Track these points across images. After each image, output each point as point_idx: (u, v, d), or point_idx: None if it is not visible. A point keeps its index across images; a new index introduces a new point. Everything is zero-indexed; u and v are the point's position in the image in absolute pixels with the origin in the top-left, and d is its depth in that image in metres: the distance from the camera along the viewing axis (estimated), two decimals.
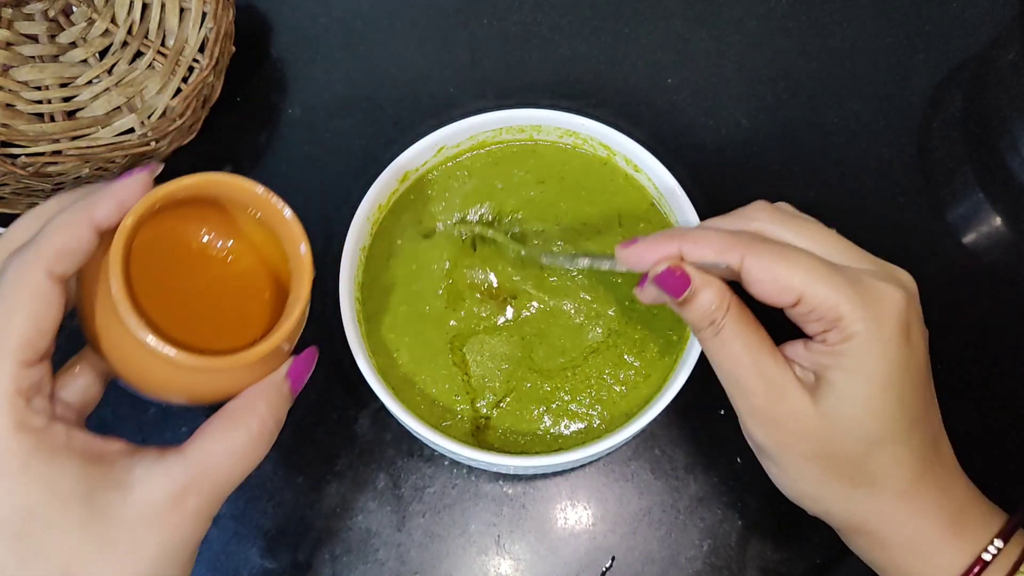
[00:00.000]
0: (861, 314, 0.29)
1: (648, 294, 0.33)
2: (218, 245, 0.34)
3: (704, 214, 0.40)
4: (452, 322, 0.40)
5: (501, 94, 0.53)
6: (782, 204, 0.34)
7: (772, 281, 0.29)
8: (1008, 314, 0.47)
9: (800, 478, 0.32)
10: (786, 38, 0.54)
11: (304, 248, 0.32)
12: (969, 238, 0.49)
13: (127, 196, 0.28)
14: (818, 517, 0.33)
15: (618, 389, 0.39)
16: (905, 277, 0.31)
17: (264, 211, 0.32)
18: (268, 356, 0.30)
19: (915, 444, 0.30)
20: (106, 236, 0.28)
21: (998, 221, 0.49)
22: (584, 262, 0.37)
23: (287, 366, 0.32)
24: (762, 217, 0.32)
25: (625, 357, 0.39)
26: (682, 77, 0.53)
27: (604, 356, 0.39)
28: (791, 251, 0.30)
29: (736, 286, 0.31)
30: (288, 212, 0.31)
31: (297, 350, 0.33)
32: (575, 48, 0.54)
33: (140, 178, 0.29)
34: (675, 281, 0.31)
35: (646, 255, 0.31)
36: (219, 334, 0.32)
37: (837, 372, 0.30)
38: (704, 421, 0.44)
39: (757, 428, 0.32)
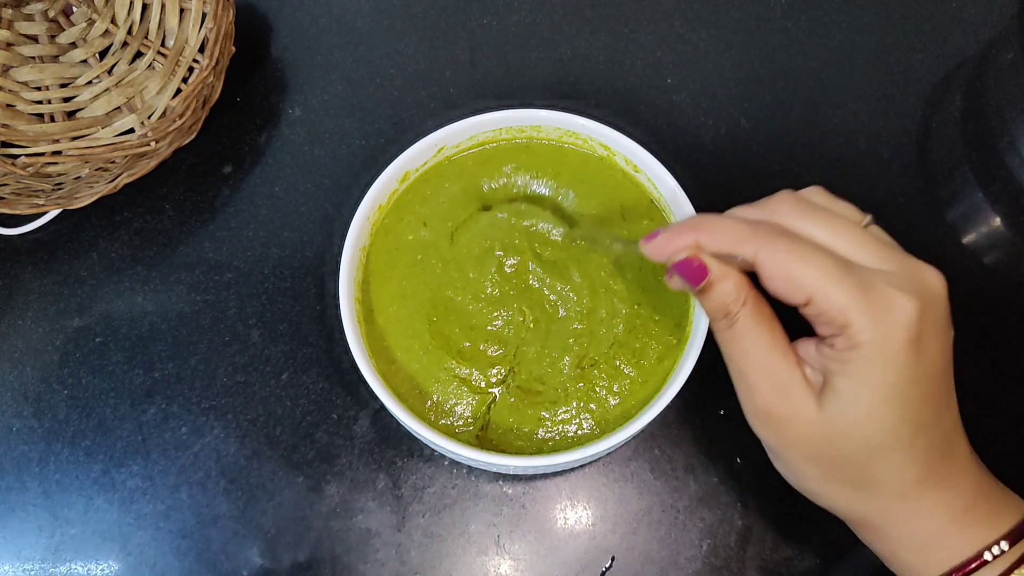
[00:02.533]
0: (868, 323, 0.28)
1: (675, 282, 0.33)
2: None
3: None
4: (455, 321, 0.40)
5: (501, 94, 0.53)
6: (813, 191, 0.33)
7: (783, 279, 0.29)
8: (1008, 314, 0.47)
9: (803, 476, 0.32)
10: (786, 38, 0.54)
11: None
12: (969, 238, 0.49)
13: None
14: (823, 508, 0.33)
15: (619, 389, 0.39)
16: (931, 279, 0.30)
17: None
18: None
19: (919, 450, 0.30)
20: None
21: (998, 221, 0.49)
22: (619, 246, 0.38)
23: None
24: (784, 210, 0.31)
25: (623, 365, 0.39)
26: (682, 77, 0.53)
27: (606, 358, 0.39)
28: (806, 249, 0.29)
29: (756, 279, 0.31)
30: None
31: None
32: (575, 48, 0.54)
33: None
34: (692, 271, 0.31)
35: (667, 246, 0.31)
36: None
37: (842, 379, 0.29)
38: (704, 421, 0.44)
39: (759, 426, 0.32)
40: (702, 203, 0.40)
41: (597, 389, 0.39)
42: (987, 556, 0.30)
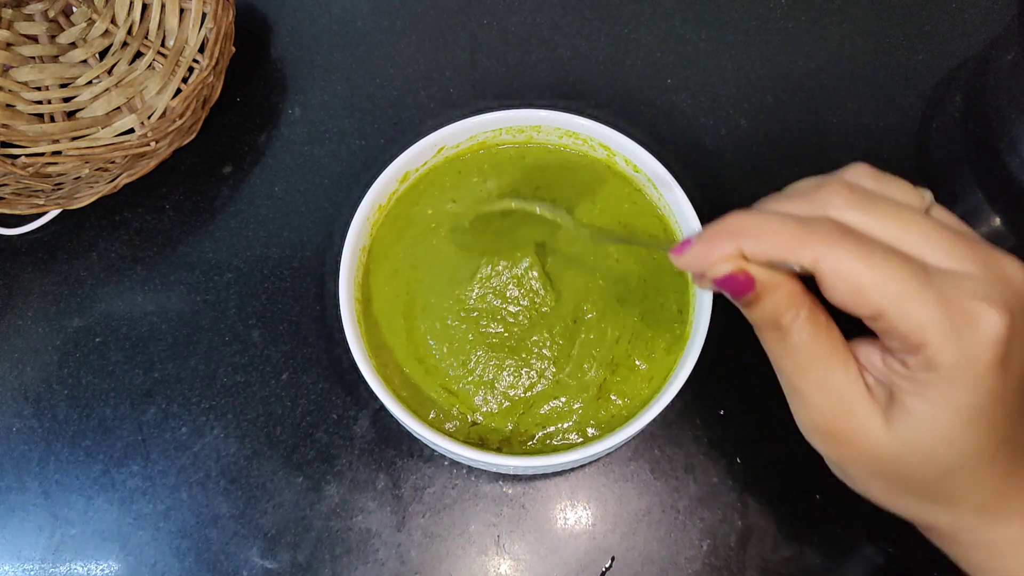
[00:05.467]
0: (950, 344, 0.24)
1: (707, 285, 0.29)
2: None
3: (703, 214, 0.40)
4: (453, 321, 0.40)
5: (501, 94, 0.53)
6: (859, 172, 0.28)
7: (850, 291, 0.25)
8: None
9: (867, 489, 0.30)
10: (785, 38, 0.54)
11: None
12: None
13: None
14: None
15: (622, 390, 0.39)
16: (1017, 275, 0.26)
17: None
18: None
19: (1000, 464, 0.27)
20: None
21: (998, 221, 0.49)
22: (631, 242, 0.38)
23: None
24: (837, 202, 0.27)
25: (640, 362, 0.39)
26: (682, 77, 0.53)
27: (609, 359, 0.39)
28: (876, 254, 0.25)
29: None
30: None
31: None
32: (575, 48, 0.54)
33: None
34: (736, 285, 0.27)
35: (704, 258, 0.27)
36: None
37: (916, 400, 0.26)
38: (704, 421, 0.44)
39: (818, 442, 0.29)
40: (702, 203, 0.40)
41: (600, 388, 0.39)
42: None
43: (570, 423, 0.39)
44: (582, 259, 0.41)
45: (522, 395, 0.39)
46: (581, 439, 0.38)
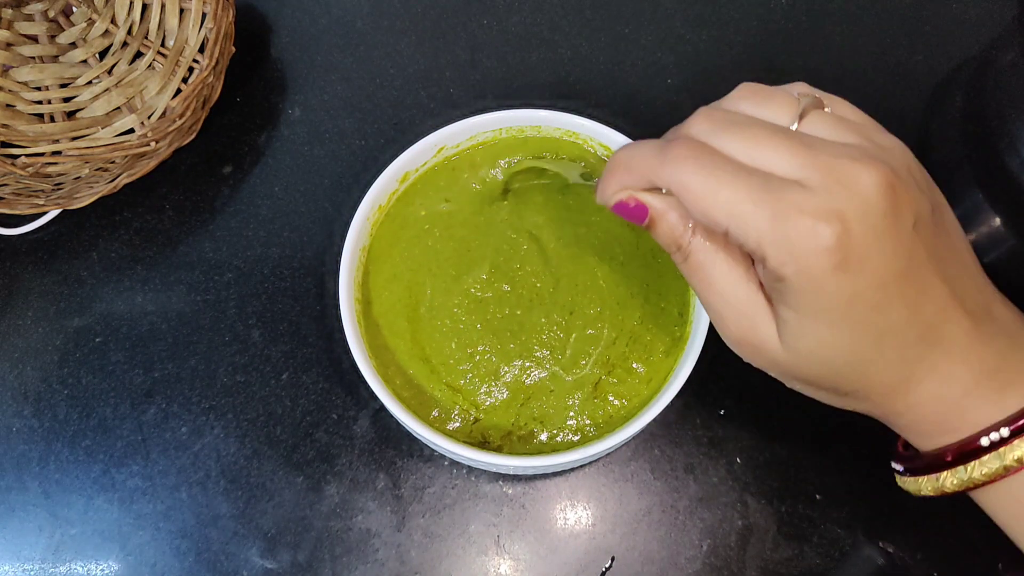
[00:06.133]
0: (785, 258, 0.26)
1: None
2: None
3: None
4: (460, 314, 0.40)
5: (501, 94, 0.53)
6: (739, 95, 0.30)
7: (699, 210, 0.27)
8: None
9: (792, 387, 0.31)
10: (786, 38, 0.54)
11: None
12: (969, 238, 0.48)
13: None
14: None
15: (625, 391, 0.39)
16: (862, 181, 0.26)
17: None
18: None
19: (890, 355, 0.28)
20: None
21: (997, 221, 0.49)
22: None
23: None
24: (699, 129, 0.28)
25: (637, 364, 0.39)
26: (682, 77, 0.53)
27: (606, 359, 0.40)
28: (719, 173, 0.26)
29: None
30: None
31: None
32: (575, 48, 0.54)
33: None
34: (631, 212, 0.29)
35: (602, 194, 0.30)
36: None
37: (783, 309, 0.28)
38: (704, 421, 0.44)
39: (737, 351, 0.31)
40: None
41: (609, 396, 0.39)
42: (983, 442, 0.28)
43: (569, 422, 0.39)
44: (583, 257, 0.41)
45: (523, 381, 0.39)
46: (580, 439, 0.38)
